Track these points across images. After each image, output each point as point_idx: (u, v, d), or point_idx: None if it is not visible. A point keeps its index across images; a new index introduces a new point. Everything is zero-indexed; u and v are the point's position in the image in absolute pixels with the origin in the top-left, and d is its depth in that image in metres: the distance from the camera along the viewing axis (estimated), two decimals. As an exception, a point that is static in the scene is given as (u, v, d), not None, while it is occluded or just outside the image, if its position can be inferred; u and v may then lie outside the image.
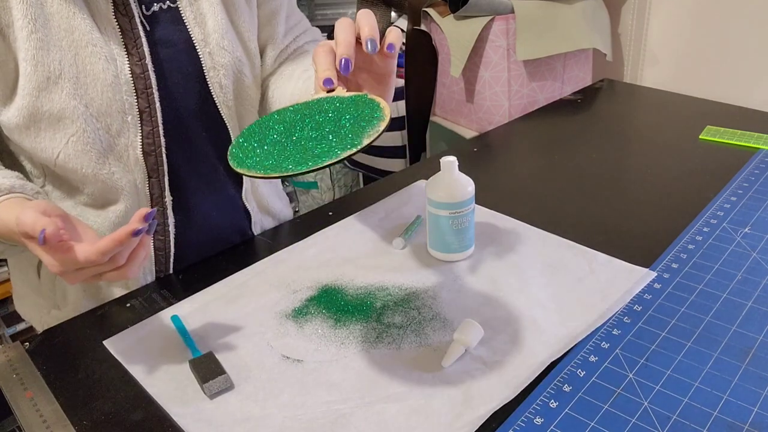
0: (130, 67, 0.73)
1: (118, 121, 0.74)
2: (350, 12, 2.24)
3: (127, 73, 0.73)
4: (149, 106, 0.75)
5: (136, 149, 0.76)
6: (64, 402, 0.67)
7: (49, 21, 0.69)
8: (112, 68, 0.72)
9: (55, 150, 0.73)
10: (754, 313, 0.72)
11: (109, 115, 0.73)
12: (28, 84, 0.69)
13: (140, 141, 0.76)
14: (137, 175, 0.78)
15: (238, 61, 0.82)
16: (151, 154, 0.78)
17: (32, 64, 0.69)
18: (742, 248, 0.84)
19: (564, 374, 0.66)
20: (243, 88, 0.85)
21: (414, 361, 0.69)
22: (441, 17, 1.48)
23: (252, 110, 0.88)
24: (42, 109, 0.70)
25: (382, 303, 0.78)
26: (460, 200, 0.81)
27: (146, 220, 0.60)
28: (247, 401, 0.66)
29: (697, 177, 1.02)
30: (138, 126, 0.75)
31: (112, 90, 0.72)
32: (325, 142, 0.56)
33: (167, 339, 0.75)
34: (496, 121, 1.46)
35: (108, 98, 0.72)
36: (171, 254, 0.87)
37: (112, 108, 0.73)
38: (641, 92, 1.44)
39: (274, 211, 1.01)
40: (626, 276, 0.80)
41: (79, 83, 0.71)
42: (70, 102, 0.70)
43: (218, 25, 0.79)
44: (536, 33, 1.37)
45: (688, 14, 1.45)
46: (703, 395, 0.62)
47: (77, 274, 0.62)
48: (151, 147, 0.77)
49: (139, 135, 0.76)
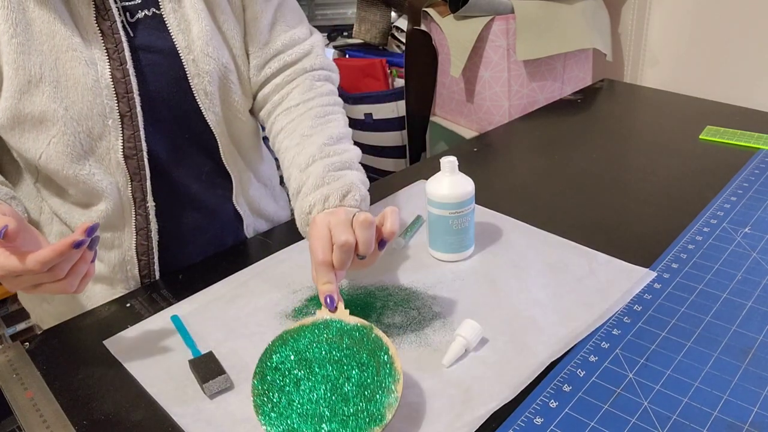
0: (111, 71, 0.73)
1: (99, 125, 0.74)
2: (350, 12, 2.24)
3: (108, 77, 0.73)
4: (130, 111, 0.76)
5: (117, 152, 0.77)
6: (64, 402, 0.67)
7: (31, 26, 0.70)
8: (92, 72, 0.72)
9: (37, 151, 0.74)
10: (754, 313, 0.72)
11: (89, 119, 0.74)
12: (11, 87, 0.70)
13: (121, 145, 0.76)
14: (119, 178, 0.79)
15: (224, 67, 0.81)
16: (132, 158, 0.78)
17: (13, 68, 0.70)
18: (742, 248, 0.84)
19: (564, 374, 0.66)
20: (230, 95, 0.84)
21: (414, 361, 0.69)
22: (441, 17, 1.48)
23: (241, 117, 0.87)
24: (24, 111, 0.71)
25: (382, 303, 0.78)
26: (460, 200, 0.81)
27: (88, 234, 0.59)
28: (247, 401, 0.65)
29: (697, 177, 1.02)
30: (119, 130, 0.76)
31: (92, 93, 0.73)
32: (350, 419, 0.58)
33: (167, 339, 0.75)
34: (496, 121, 1.46)
35: (88, 102, 0.73)
36: (155, 259, 0.86)
37: (92, 111, 0.73)
38: (641, 92, 1.44)
39: (267, 213, 1.00)
40: (626, 276, 0.80)
41: (59, 86, 0.71)
42: (51, 105, 0.71)
43: (202, 32, 0.78)
44: (536, 33, 1.37)
45: (688, 14, 1.45)
46: (703, 395, 0.62)
47: (16, 281, 0.61)
48: (133, 151, 0.77)
49: (120, 139, 0.76)
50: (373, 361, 0.61)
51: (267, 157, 1.01)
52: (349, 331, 0.64)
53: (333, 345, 0.63)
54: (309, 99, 0.86)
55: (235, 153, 0.90)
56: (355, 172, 0.79)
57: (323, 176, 0.76)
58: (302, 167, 0.78)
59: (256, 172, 0.96)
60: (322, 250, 0.67)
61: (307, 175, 0.77)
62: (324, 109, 0.85)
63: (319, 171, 0.76)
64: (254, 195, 0.96)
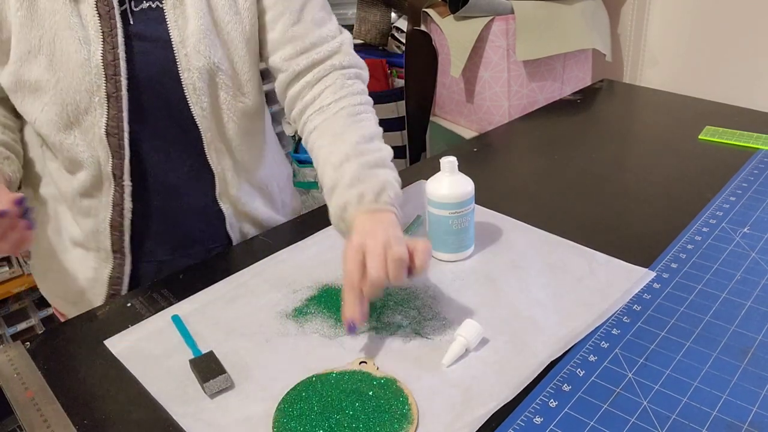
0: (103, 53, 0.78)
1: (86, 100, 0.79)
2: (350, 12, 2.24)
3: (98, 58, 0.78)
4: (116, 92, 0.79)
5: (100, 129, 0.81)
6: (65, 401, 0.67)
7: (36, 2, 0.76)
8: (84, 51, 0.77)
9: (33, 115, 0.81)
10: (753, 313, 0.72)
11: (78, 93, 0.79)
12: (14, 54, 0.77)
13: (105, 122, 0.81)
14: (100, 153, 0.82)
15: (215, 66, 0.83)
16: (113, 136, 0.82)
17: (17, 38, 0.77)
18: (741, 248, 0.84)
19: (563, 374, 0.66)
20: (218, 93, 0.85)
21: (414, 361, 0.69)
22: (441, 17, 1.48)
23: (232, 117, 0.87)
24: (23, 77, 0.78)
25: (382, 303, 0.78)
26: (460, 200, 0.81)
27: (16, 204, 0.68)
28: (248, 401, 0.66)
29: (697, 177, 1.02)
30: (105, 107, 0.80)
31: (81, 70, 0.77)
32: None
33: (167, 339, 0.75)
34: (496, 121, 1.46)
35: (78, 77, 0.78)
36: (126, 237, 0.89)
37: (81, 87, 0.78)
38: (641, 92, 1.44)
39: (256, 216, 0.98)
40: (626, 276, 0.80)
41: (54, 60, 0.77)
42: (44, 75, 0.78)
43: (198, 29, 0.81)
44: (536, 33, 1.38)
45: (687, 14, 1.45)
46: (702, 395, 0.62)
47: None
48: (115, 130, 0.81)
49: (104, 116, 0.80)
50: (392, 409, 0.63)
51: (271, 161, 1.00)
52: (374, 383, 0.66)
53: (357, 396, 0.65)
54: (341, 98, 0.87)
55: (223, 150, 0.90)
56: (389, 170, 0.81)
57: (358, 174, 0.78)
58: (336, 165, 0.80)
59: (249, 174, 0.95)
60: (357, 277, 0.68)
61: (342, 173, 0.79)
62: (356, 108, 0.87)
63: (353, 169, 0.78)
64: (241, 196, 0.95)
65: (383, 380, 0.66)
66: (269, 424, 0.63)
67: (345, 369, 0.68)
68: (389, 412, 0.62)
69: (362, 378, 0.67)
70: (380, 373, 0.67)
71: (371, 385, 0.66)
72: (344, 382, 0.66)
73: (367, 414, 0.62)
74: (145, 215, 0.89)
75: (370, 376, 0.67)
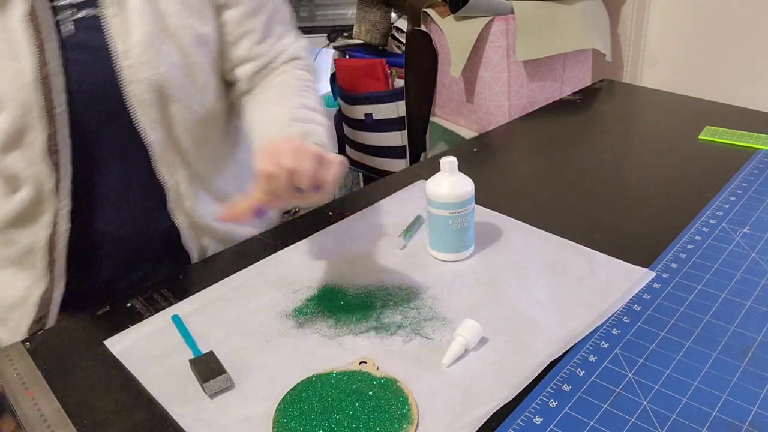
0: (39, 67, 0.74)
1: (23, 118, 0.76)
2: (350, 12, 2.24)
3: (31, 73, 0.74)
4: (54, 108, 0.76)
5: (41, 146, 0.78)
6: (65, 401, 0.67)
7: None
8: (15, 66, 0.74)
9: None
10: (753, 313, 0.72)
11: (15, 109, 0.75)
12: None
13: (45, 139, 0.77)
14: (42, 169, 0.79)
15: (164, 77, 0.79)
16: (54, 153, 0.78)
17: None
18: (741, 248, 0.84)
19: (563, 374, 0.66)
20: (170, 105, 0.82)
21: (414, 361, 0.69)
22: (441, 17, 1.48)
23: (187, 127, 0.85)
24: None
25: (382, 303, 0.78)
26: (460, 200, 0.81)
27: None
28: (248, 401, 0.66)
29: (697, 177, 1.02)
30: (44, 124, 0.77)
31: (14, 86, 0.75)
32: None
33: (167, 339, 0.75)
34: (496, 121, 1.46)
35: (10, 94, 0.75)
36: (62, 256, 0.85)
37: (17, 103, 0.75)
38: (641, 92, 1.44)
39: (216, 229, 0.94)
40: (625, 276, 0.80)
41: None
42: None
43: (143, 38, 0.77)
44: (536, 33, 1.38)
45: (687, 14, 1.45)
46: (702, 395, 0.62)
47: None
48: (56, 147, 0.78)
49: (44, 133, 0.77)
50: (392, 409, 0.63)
51: (235, 166, 0.97)
52: (371, 384, 0.66)
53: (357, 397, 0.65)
54: (285, 79, 0.89)
55: (177, 162, 0.86)
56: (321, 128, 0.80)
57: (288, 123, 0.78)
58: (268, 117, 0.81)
59: (207, 185, 0.92)
60: (270, 168, 0.65)
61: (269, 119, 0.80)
62: (299, 83, 0.88)
63: (284, 119, 0.78)
64: (197, 208, 0.90)
65: (383, 380, 0.66)
66: (269, 424, 0.63)
67: (345, 369, 0.68)
68: (389, 412, 0.62)
69: (362, 378, 0.67)
70: (380, 373, 0.67)
71: (371, 385, 0.65)
72: (344, 382, 0.66)
73: (367, 414, 0.62)
74: (86, 234, 0.85)
75: (370, 376, 0.67)
